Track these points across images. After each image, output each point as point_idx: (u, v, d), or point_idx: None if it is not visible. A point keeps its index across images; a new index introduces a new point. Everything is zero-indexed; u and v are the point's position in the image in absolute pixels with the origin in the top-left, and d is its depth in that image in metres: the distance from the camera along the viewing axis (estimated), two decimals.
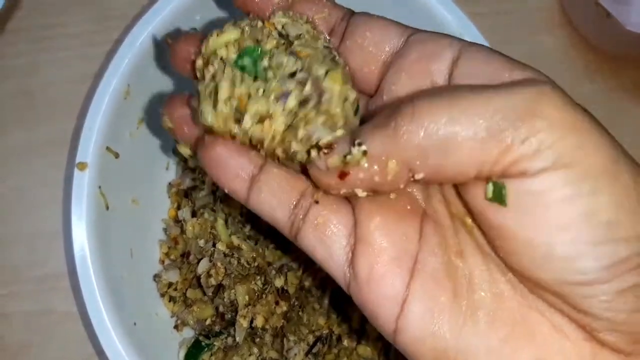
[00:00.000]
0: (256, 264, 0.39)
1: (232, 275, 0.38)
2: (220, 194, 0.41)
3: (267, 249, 0.40)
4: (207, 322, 0.39)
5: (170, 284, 0.40)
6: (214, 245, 0.39)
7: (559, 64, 0.49)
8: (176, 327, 0.40)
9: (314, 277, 0.40)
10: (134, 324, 0.35)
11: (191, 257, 0.40)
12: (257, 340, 0.39)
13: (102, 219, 0.36)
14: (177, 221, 0.42)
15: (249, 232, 0.40)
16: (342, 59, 0.26)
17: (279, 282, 0.39)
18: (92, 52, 0.46)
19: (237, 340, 0.38)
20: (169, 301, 0.40)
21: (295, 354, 0.39)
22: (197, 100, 0.26)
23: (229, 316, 0.39)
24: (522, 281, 0.22)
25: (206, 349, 0.39)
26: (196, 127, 0.27)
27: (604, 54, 0.49)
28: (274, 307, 0.38)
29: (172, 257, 0.41)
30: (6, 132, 0.45)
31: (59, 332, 0.42)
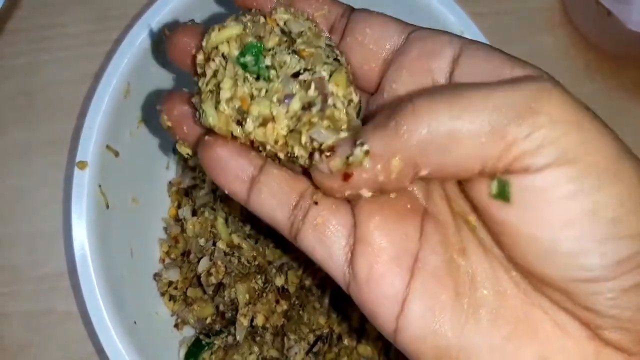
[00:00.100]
0: (256, 263, 0.39)
1: (233, 274, 0.38)
2: (220, 192, 0.41)
3: (267, 247, 0.40)
4: (208, 320, 0.39)
5: (170, 283, 0.40)
6: (214, 244, 0.39)
7: (560, 64, 0.49)
8: (176, 325, 0.40)
9: (314, 276, 0.40)
10: (134, 323, 0.35)
11: (191, 256, 0.40)
12: (258, 339, 0.39)
13: (102, 218, 0.36)
14: (178, 220, 0.42)
15: (249, 231, 0.40)
16: (344, 57, 0.25)
17: (279, 281, 0.39)
18: (92, 51, 0.46)
19: (237, 339, 0.38)
20: (169, 300, 0.40)
21: (295, 353, 0.38)
22: (199, 98, 0.25)
23: (230, 315, 0.38)
24: (526, 278, 0.22)
25: (206, 348, 0.39)
26: (196, 125, 0.26)
27: (604, 53, 0.49)
28: (275, 306, 0.38)
29: (173, 256, 0.41)
30: (6, 132, 0.45)
31: (59, 332, 0.42)
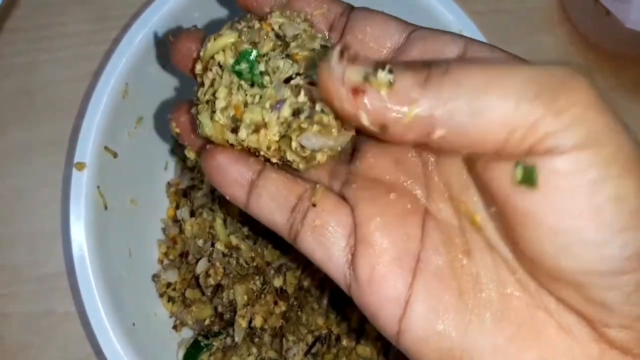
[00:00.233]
0: (255, 264, 0.39)
1: (231, 275, 0.38)
2: (218, 193, 0.40)
3: (265, 248, 0.40)
4: (206, 322, 0.39)
5: (169, 284, 0.40)
6: (213, 245, 0.39)
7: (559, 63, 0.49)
8: (175, 327, 0.40)
9: (312, 277, 0.40)
10: (133, 324, 0.35)
11: (190, 257, 0.40)
12: (256, 340, 0.39)
13: (100, 219, 0.35)
14: (176, 221, 0.42)
15: (247, 232, 0.40)
16: None
17: (277, 282, 0.39)
18: (91, 51, 0.46)
19: (236, 340, 0.38)
20: (168, 301, 0.40)
21: (294, 354, 0.38)
22: (196, 108, 0.26)
23: (228, 316, 0.38)
24: (534, 276, 0.22)
25: (205, 349, 0.39)
26: (198, 137, 0.27)
27: (603, 52, 0.49)
28: (273, 307, 0.38)
29: (171, 257, 0.41)
30: (5, 132, 0.45)
31: (59, 332, 0.42)
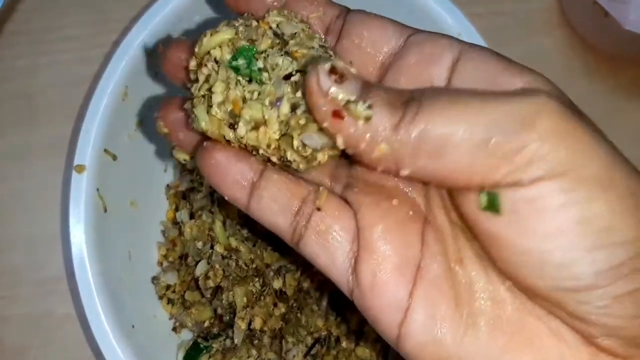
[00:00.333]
0: (254, 266, 0.39)
1: (230, 277, 0.38)
2: (218, 195, 0.40)
3: (265, 250, 0.40)
4: (206, 324, 0.39)
5: (168, 286, 0.40)
6: (212, 247, 0.39)
7: (558, 64, 0.49)
8: (174, 329, 0.40)
9: (312, 279, 0.40)
10: (132, 326, 0.35)
11: (189, 259, 0.40)
12: (256, 342, 0.39)
13: (100, 222, 0.36)
14: (175, 223, 0.42)
15: (247, 234, 0.40)
16: (339, 57, 0.25)
17: (277, 283, 0.39)
18: (91, 54, 0.46)
19: (235, 342, 0.38)
20: (167, 303, 0.40)
21: (293, 356, 0.38)
22: (191, 103, 0.25)
23: (227, 318, 0.38)
24: (519, 289, 0.22)
25: (205, 351, 0.39)
26: (192, 132, 0.26)
27: (602, 53, 0.49)
28: (272, 309, 0.38)
29: (171, 259, 0.41)
30: (5, 134, 0.45)
31: (59, 335, 0.42)
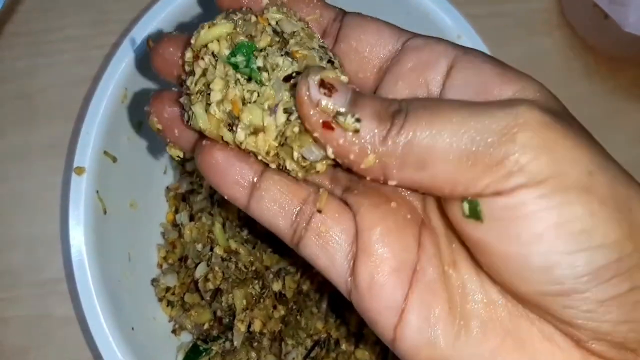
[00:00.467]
0: (254, 268, 0.39)
1: (230, 279, 0.38)
2: (217, 197, 0.40)
3: (264, 253, 0.40)
4: (205, 326, 0.39)
5: (168, 288, 0.40)
6: (212, 249, 0.39)
7: (557, 65, 0.49)
8: (174, 331, 0.40)
9: (311, 281, 0.40)
10: (132, 329, 0.35)
11: (189, 261, 0.40)
12: (255, 344, 0.39)
13: (99, 224, 0.36)
14: (175, 225, 0.42)
15: (246, 236, 0.40)
16: (337, 59, 0.25)
17: (276, 286, 0.39)
18: (90, 55, 0.46)
19: (234, 344, 0.38)
20: (167, 305, 0.40)
21: (293, 358, 0.38)
22: (188, 99, 0.24)
23: (227, 320, 0.38)
24: (509, 294, 0.22)
25: (204, 354, 0.39)
26: (188, 129, 0.25)
27: (601, 55, 0.49)
28: (272, 311, 0.38)
29: (170, 261, 0.41)
30: (5, 135, 0.45)
31: (58, 337, 0.42)
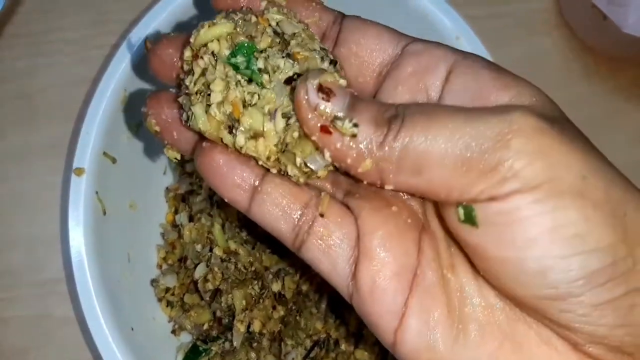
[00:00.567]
0: (253, 269, 0.39)
1: (229, 280, 0.38)
2: (217, 198, 0.40)
3: (264, 253, 0.40)
4: (205, 326, 0.39)
5: (167, 289, 0.40)
6: (211, 250, 0.39)
7: (557, 66, 0.49)
8: (174, 331, 0.40)
9: (311, 282, 0.40)
10: (131, 329, 0.35)
11: (188, 262, 0.40)
12: (255, 345, 0.39)
13: (99, 224, 0.36)
14: (175, 226, 0.42)
15: (246, 237, 0.40)
16: (339, 61, 0.25)
17: (276, 286, 0.39)
18: (90, 56, 0.46)
19: (234, 345, 0.38)
20: (167, 306, 0.40)
21: (292, 359, 0.38)
22: (188, 99, 0.24)
23: (227, 321, 0.38)
24: (506, 297, 0.23)
25: (204, 354, 0.39)
26: (188, 131, 0.25)
27: (600, 55, 0.49)
28: (271, 312, 0.38)
29: (170, 261, 0.41)
30: (5, 135, 0.45)
31: (58, 337, 0.42)
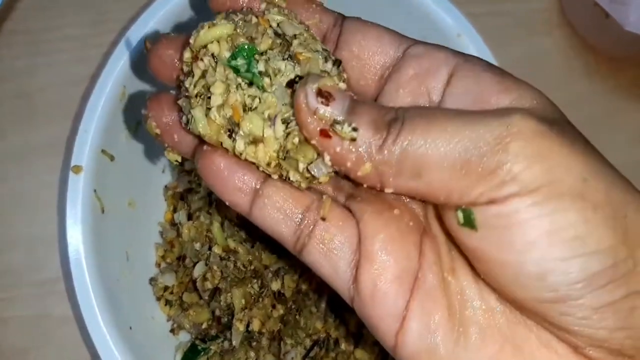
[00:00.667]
0: (252, 268, 0.38)
1: (228, 278, 0.38)
2: (216, 197, 0.40)
3: (263, 252, 0.40)
4: (204, 326, 0.39)
5: (166, 288, 0.40)
6: (210, 248, 0.39)
7: (558, 65, 0.49)
8: (172, 331, 0.40)
9: (310, 281, 0.40)
10: (130, 328, 0.35)
11: (187, 261, 0.40)
12: (254, 344, 0.38)
13: (97, 223, 0.35)
14: (173, 224, 0.42)
15: (245, 235, 0.40)
16: (342, 61, 0.24)
17: (275, 285, 0.39)
18: (89, 54, 0.46)
19: (233, 344, 0.38)
20: (165, 305, 0.40)
21: (292, 358, 0.38)
22: (188, 101, 0.24)
23: (226, 320, 0.38)
24: (507, 300, 0.22)
25: (202, 353, 0.39)
26: (187, 132, 0.25)
27: (602, 54, 0.49)
28: (271, 311, 0.38)
29: (168, 260, 0.41)
30: (4, 134, 0.45)
31: (57, 336, 0.42)
